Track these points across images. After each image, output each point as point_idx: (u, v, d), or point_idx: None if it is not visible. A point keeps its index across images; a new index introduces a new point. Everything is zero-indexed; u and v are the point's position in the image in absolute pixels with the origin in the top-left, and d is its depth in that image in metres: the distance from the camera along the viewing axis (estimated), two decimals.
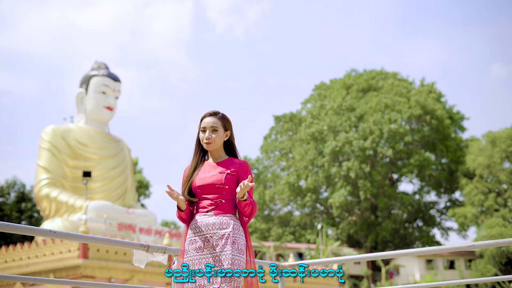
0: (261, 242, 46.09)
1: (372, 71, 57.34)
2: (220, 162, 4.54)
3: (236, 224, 4.32)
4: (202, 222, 4.33)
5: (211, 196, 4.39)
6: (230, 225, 4.28)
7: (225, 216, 4.33)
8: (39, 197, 27.63)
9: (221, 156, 4.59)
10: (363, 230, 50.94)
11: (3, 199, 47.90)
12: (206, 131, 4.50)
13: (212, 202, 4.37)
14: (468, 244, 4.98)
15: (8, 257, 22.53)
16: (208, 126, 4.51)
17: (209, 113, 4.57)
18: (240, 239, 4.29)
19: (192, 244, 4.32)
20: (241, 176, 4.45)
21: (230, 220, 4.32)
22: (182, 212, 4.38)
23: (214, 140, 4.48)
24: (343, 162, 50.21)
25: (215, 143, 4.50)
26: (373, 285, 48.25)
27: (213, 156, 4.59)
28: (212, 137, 4.48)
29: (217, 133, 4.50)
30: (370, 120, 49.95)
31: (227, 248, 4.20)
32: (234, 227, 4.29)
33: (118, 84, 30.31)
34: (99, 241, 4.28)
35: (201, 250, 4.26)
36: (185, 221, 4.44)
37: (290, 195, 53.27)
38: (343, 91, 55.25)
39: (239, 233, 4.30)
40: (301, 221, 54.86)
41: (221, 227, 4.28)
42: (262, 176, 57.39)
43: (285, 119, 57.06)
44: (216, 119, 4.54)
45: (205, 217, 4.34)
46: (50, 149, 28.38)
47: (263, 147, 57.72)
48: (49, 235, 3.64)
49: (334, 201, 49.45)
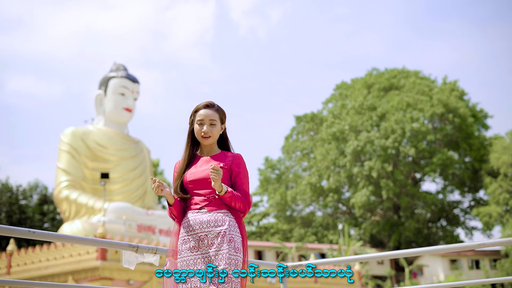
0: (283, 243, 45.93)
1: (394, 69, 56.89)
2: (213, 156, 4.29)
3: (232, 221, 4.05)
4: (195, 220, 4.06)
5: (204, 192, 4.13)
6: (225, 222, 4.02)
7: (219, 212, 4.07)
8: (59, 199, 27.63)
9: (214, 149, 4.34)
10: (386, 230, 50.53)
11: (25, 202, 48.20)
12: (204, 124, 4.23)
13: (204, 198, 4.11)
14: (478, 242, 4.78)
15: (28, 259, 22.55)
16: (206, 119, 4.24)
17: (205, 105, 4.29)
18: (236, 236, 4.03)
19: (185, 243, 4.05)
20: (234, 169, 4.21)
21: (225, 217, 4.05)
22: (171, 207, 4.12)
23: (212, 133, 4.23)
24: (365, 162, 49.83)
25: (213, 137, 4.25)
26: (396, 285, 47.83)
27: (206, 149, 4.33)
28: (211, 131, 4.22)
29: (215, 127, 4.26)
30: (392, 119, 49.52)
31: (224, 247, 3.94)
32: (230, 223, 4.03)
33: (136, 86, 30.25)
34: (85, 241, 4.10)
35: (196, 250, 4.00)
36: (177, 218, 4.18)
37: (312, 196, 53.00)
38: (364, 90, 54.88)
39: (235, 230, 4.04)
40: (323, 222, 54.57)
41: (216, 225, 4.01)
42: (283, 177, 57.19)
43: (306, 119, 56.80)
44: (214, 112, 4.28)
45: (198, 214, 4.08)
46: (70, 151, 28.38)
47: (284, 147, 57.49)
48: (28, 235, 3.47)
49: (356, 201, 49.10)
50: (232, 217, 4.09)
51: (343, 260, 5.62)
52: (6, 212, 46.33)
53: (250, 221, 60.69)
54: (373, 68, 58.80)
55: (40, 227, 47.39)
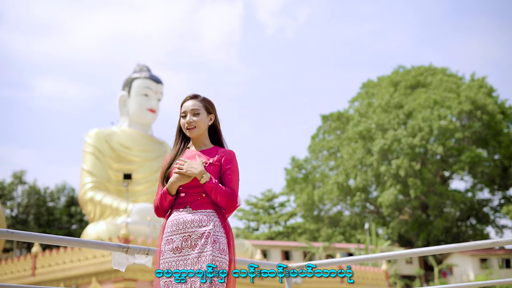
0: (310, 243, 45.72)
1: (420, 67, 56.31)
2: (203, 151, 4.04)
3: (217, 221, 3.79)
4: (179, 219, 3.80)
5: (190, 189, 3.87)
6: (210, 222, 3.77)
7: (204, 212, 3.81)
8: (84, 200, 27.68)
9: (205, 144, 4.10)
10: (414, 229, 50.01)
11: (53, 204, 48.57)
12: (187, 115, 4.01)
13: (191, 196, 3.87)
14: (492, 241, 4.56)
15: (52, 261, 22.59)
16: (188, 109, 4.01)
17: (189, 97, 4.08)
18: (222, 238, 3.77)
19: (168, 244, 3.79)
20: (224, 166, 3.96)
21: (211, 217, 3.80)
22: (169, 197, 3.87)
23: (196, 123, 3.98)
24: (392, 160, 49.35)
25: (198, 127, 4.00)
26: (425, 284, 47.34)
27: (196, 144, 4.09)
28: (194, 120, 3.98)
29: (199, 116, 4.00)
30: (419, 117, 48.96)
31: (207, 248, 3.68)
32: (216, 224, 3.77)
33: (160, 86, 30.21)
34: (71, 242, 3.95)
35: (179, 251, 3.74)
36: (165, 213, 3.94)
37: (339, 195, 52.65)
38: (391, 88, 54.38)
39: (220, 231, 3.78)
40: (351, 221, 54.21)
41: (201, 225, 3.75)
42: (310, 176, 56.95)
43: (332, 118, 56.48)
44: (197, 101, 4.05)
45: (182, 213, 3.82)
46: (94, 153, 28.43)
47: (311, 147, 57.22)
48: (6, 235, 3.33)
49: (383, 200, 48.65)
50: (218, 217, 3.84)
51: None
52: (34, 214, 46.79)
53: (277, 221, 60.58)
54: (399, 65, 58.29)
55: (68, 228, 47.76)
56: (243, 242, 31.02)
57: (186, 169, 3.79)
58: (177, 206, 3.90)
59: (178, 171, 3.81)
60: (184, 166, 3.81)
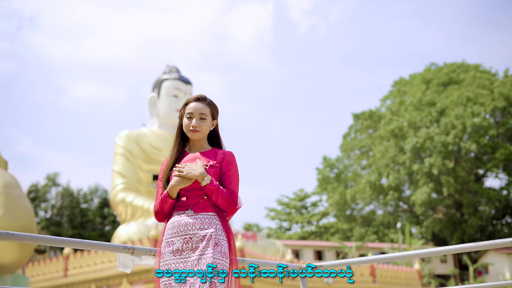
0: (342, 243, 45.44)
1: (453, 64, 55.60)
2: (202, 153, 4.01)
3: (219, 224, 3.77)
4: (180, 222, 3.77)
5: (191, 192, 3.84)
6: (212, 225, 3.74)
7: (206, 214, 3.78)
8: (115, 202, 27.83)
9: (204, 146, 4.06)
10: (448, 228, 49.43)
11: (86, 205, 48.99)
12: (193, 118, 3.95)
13: (192, 199, 3.83)
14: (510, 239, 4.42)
15: (83, 262, 22.75)
16: (196, 112, 3.96)
17: (196, 98, 4.02)
18: (223, 241, 3.73)
19: (168, 246, 3.76)
20: (224, 168, 3.92)
21: (213, 219, 3.76)
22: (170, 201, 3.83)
23: (201, 128, 3.95)
24: (425, 159, 48.82)
25: (202, 132, 3.97)
26: (460, 284, 46.77)
27: (195, 146, 4.05)
28: (200, 125, 3.94)
29: (205, 121, 3.96)
30: (452, 114, 48.36)
31: (208, 251, 3.64)
32: (217, 227, 3.75)
33: (189, 87, 30.30)
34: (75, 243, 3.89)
35: (179, 254, 3.70)
36: (166, 217, 3.90)
37: (371, 194, 52.28)
38: (423, 85, 53.83)
39: (222, 234, 3.75)
40: (384, 220, 53.81)
41: (202, 227, 3.72)
42: (342, 176, 56.65)
43: (364, 117, 56.10)
44: (205, 105, 3.99)
45: (183, 215, 3.79)
46: (124, 154, 28.59)
47: (342, 146, 56.91)
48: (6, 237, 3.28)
49: (416, 198, 48.15)
50: (219, 220, 3.80)
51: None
52: (68, 216, 47.21)
53: (309, 221, 60.41)
54: (431, 63, 57.66)
55: (101, 230, 48.12)
56: (274, 242, 30.98)
57: (186, 172, 3.76)
58: (178, 209, 3.86)
59: (179, 174, 3.77)
60: (185, 169, 3.77)
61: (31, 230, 17.09)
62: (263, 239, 29.88)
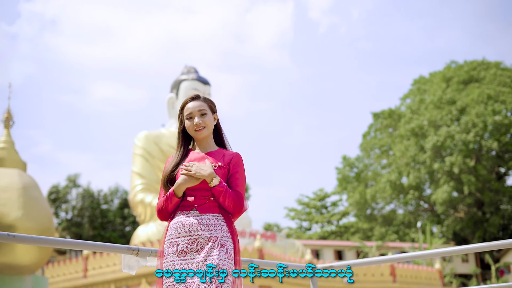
0: (363, 242, 45.26)
1: (473, 61, 55.14)
2: (209, 153, 3.93)
3: (224, 226, 3.70)
4: (185, 222, 3.69)
5: (197, 192, 3.76)
6: (217, 226, 3.67)
7: (212, 215, 3.71)
8: (134, 202, 27.92)
9: (210, 145, 3.99)
10: (470, 227, 49.04)
11: (107, 206, 49.21)
12: (194, 117, 3.90)
13: (198, 199, 3.75)
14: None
15: (103, 263, 22.84)
16: (195, 111, 3.90)
17: (191, 98, 3.98)
18: (228, 242, 3.67)
19: (172, 247, 3.68)
20: (232, 169, 3.85)
21: (218, 221, 3.70)
22: (176, 200, 3.75)
23: (206, 124, 3.89)
24: (445, 157, 48.49)
25: (207, 127, 3.90)
26: (482, 283, 46.38)
27: (202, 145, 3.97)
28: (203, 121, 3.88)
29: (207, 116, 3.90)
30: (473, 112, 47.97)
31: (214, 253, 3.57)
32: (223, 228, 3.68)
33: (207, 88, 30.30)
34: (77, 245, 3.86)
35: (183, 255, 3.63)
36: (169, 216, 3.83)
37: (392, 193, 52.00)
38: (443, 84, 53.46)
39: (227, 235, 3.69)
40: (404, 220, 53.51)
41: (208, 228, 3.65)
42: (362, 175, 56.43)
43: (384, 116, 55.84)
44: (201, 102, 3.95)
45: (188, 216, 3.71)
46: (143, 155, 28.66)
47: (362, 145, 56.69)
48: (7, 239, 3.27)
49: (437, 197, 47.82)
50: (225, 221, 3.74)
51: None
52: (88, 216, 47.45)
53: (329, 220, 60.25)
54: (451, 61, 57.22)
55: (122, 230, 48.31)
56: (294, 242, 30.93)
57: (194, 171, 3.70)
58: (182, 209, 3.79)
59: (186, 173, 3.71)
60: (193, 168, 3.71)
61: (50, 231, 17.18)
62: (282, 239, 29.83)
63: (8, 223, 15.99)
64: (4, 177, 17.19)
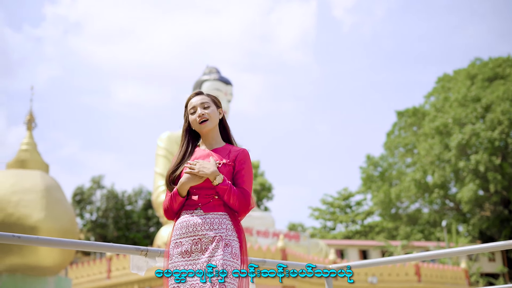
0: (388, 242, 44.97)
1: (498, 58, 54.48)
2: (215, 150, 3.84)
3: (230, 224, 3.61)
4: (189, 222, 3.61)
5: (202, 191, 3.69)
6: (222, 226, 3.58)
7: (216, 214, 3.62)
8: (157, 203, 27.96)
9: (216, 141, 3.89)
10: (496, 225, 48.52)
11: (131, 207, 49.39)
12: (197, 109, 3.82)
13: (202, 198, 3.67)
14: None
15: (126, 263, 22.91)
16: (197, 104, 3.83)
17: (194, 94, 3.92)
18: (234, 241, 3.58)
19: (177, 247, 3.61)
20: (237, 166, 3.75)
21: (223, 220, 3.61)
22: (180, 199, 3.68)
23: (209, 115, 3.80)
24: (471, 155, 48.00)
25: (211, 119, 3.80)
26: (510, 282, 45.85)
27: (207, 141, 3.88)
28: (206, 112, 3.79)
29: (210, 108, 3.82)
30: (498, 110, 47.43)
31: (218, 253, 3.49)
32: (228, 227, 3.59)
33: (229, 88, 30.25)
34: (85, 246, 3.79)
35: (188, 255, 3.55)
36: (175, 215, 3.75)
37: (417, 192, 51.56)
38: (468, 81, 52.90)
39: (233, 234, 3.60)
40: (429, 219, 53.10)
41: (212, 228, 3.57)
42: (387, 174, 56.06)
43: (408, 114, 55.45)
44: (204, 96, 3.89)
45: (192, 215, 3.63)
46: (166, 156, 28.71)
47: (386, 144, 56.33)
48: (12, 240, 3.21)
49: (462, 196, 47.36)
50: (230, 220, 3.64)
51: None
52: (113, 217, 47.67)
53: (354, 220, 60.00)
54: (476, 58, 56.56)
55: (146, 231, 48.48)
56: (318, 242, 30.80)
57: (198, 170, 3.61)
58: (187, 208, 3.71)
59: (190, 171, 3.62)
60: (196, 166, 3.62)
61: (72, 233, 17.24)
62: (306, 239, 29.72)
63: (31, 224, 16.07)
64: (27, 179, 17.28)
